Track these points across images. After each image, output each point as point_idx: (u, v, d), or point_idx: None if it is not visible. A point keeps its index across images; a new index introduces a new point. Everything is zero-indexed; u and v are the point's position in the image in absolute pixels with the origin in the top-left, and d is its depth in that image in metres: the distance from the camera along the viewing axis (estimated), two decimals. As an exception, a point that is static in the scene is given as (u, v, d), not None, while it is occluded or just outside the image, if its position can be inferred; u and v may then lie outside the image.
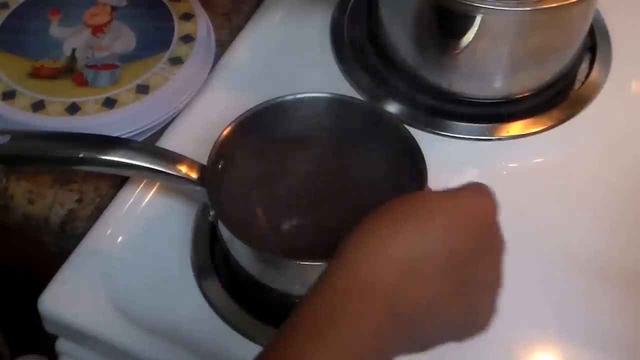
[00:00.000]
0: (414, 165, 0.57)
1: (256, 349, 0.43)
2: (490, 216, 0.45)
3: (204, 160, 0.58)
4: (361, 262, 0.42)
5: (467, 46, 0.66)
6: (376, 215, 0.44)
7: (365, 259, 0.42)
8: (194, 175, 0.59)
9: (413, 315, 0.42)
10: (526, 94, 0.72)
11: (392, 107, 0.71)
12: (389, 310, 0.41)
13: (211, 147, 0.58)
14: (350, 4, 0.79)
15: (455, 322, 0.45)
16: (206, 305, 0.60)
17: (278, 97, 0.61)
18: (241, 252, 0.58)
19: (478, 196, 0.46)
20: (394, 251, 0.42)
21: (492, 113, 0.71)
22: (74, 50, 0.70)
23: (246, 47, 0.75)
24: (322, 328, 0.39)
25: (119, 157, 0.58)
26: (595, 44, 0.76)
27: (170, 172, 0.59)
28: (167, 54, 0.70)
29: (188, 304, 0.60)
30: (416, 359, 0.57)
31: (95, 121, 0.66)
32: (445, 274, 0.42)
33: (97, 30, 0.72)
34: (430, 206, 0.44)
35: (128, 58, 0.70)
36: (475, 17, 0.64)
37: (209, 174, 0.58)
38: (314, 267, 0.52)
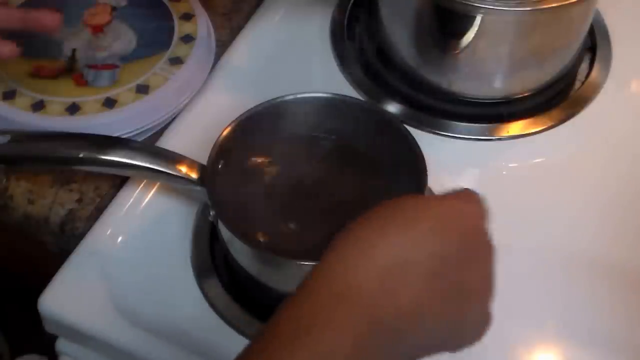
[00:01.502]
0: (414, 166, 0.57)
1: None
2: (478, 224, 0.45)
3: (204, 160, 0.58)
4: (343, 268, 0.41)
5: (467, 46, 0.66)
6: (361, 221, 0.43)
7: (348, 265, 0.41)
8: (194, 175, 0.59)
9: (394, 322, 0.41)
10: (526, 94, 0.72)
11: (392, 107, 0.71)
12: (370, 317, 0.40)
13: (211, 147, 0.58)
14: (350, 4, 0.79)
15: (443, 331, 0.43)
16: (206, 305, 0.60)
17: (278, 97, 0.61)
18: (241, 252, 0.58)
19: (466, 203, 0.45)
20: (377, 257, 0.41)
21: (492, 113, 0.71)
22: (74, 50, 0.70)
23: (246, 47, 0.75)
24: (300, 334, 0.39)
25: (119, 157, 0.58)
26: (595, 44, 0.76)
27: (170, 172, 0.59)
28: (167, 54, 0.70)
29: (188, 304, 0.60)
30: None
31: (95, 121, 0.65)
32: (429, 280, 0.41)
33: (97, 30, 0.72)
34: (416, 211, 0.43)
35: (128, 58, 0.70)
36: (475, 17, 0.64)
37: (209, 174, 0.58)
38: (314, 267, 0.52)
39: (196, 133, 0.67)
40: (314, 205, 0.60)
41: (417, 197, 0.45)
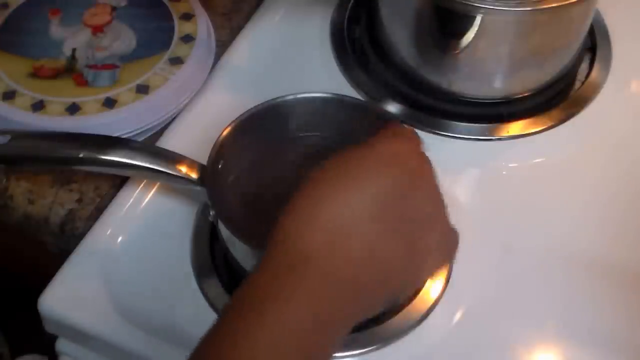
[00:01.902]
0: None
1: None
2: (406, 152, 0.47)
3: (204, 160, 0.58)
4: (293, 237, 0.43)
5: (467, 46, 0.66)
6: (302, 189, 0.45)
7: (297, 234, 0.43)
8: (194, 175, 0.59)
9: (351, 276, 0.42)
10: (526, 94, 0.72)
11: (392, 107, 0.71)
12: (325, 279, 0.42)
13: (211, 147, 0.58)
14: (350, 4, 0.79)
15: (404, 264, 0.45)
16: (206, 305, 0.60)
17: (278, 97, 0.61)
18: (241, 252, 0.58)
19: (393, 138, 0.48)
20: (323, 220, 0.43)
21: (492, 113, 0.71)
22: (74, 50, 0.70)
23: (246, 47, 0.75)
24: (260, 306, 0.40)
25: (119, 157, 0.58)
26: (595, 44, 0.76)
27: (170, 172, 0.59)
28: (167, 54, 0.70)
29: (188, 304, 0.60)
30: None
31: (95, 121, 0.66)
32: (374, 224, 0.43)
33: (97, 30, 0.72)
34: (351, 166, 0.45)
35: (128, 58, 0.70)
36: (475, 17, 0.64)
37: (209, 174, 0.58)
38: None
39: (196, 133, 0.67)
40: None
41: (348, 153, 0.46)
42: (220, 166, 0.59)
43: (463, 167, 0.69)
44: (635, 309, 0.60)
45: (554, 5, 0.62)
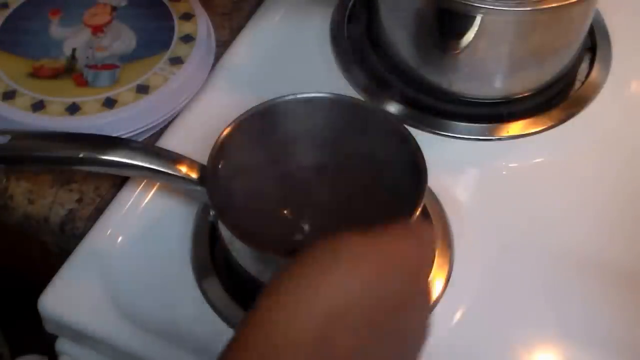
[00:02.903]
0: (414, 166, 0.57)
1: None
2: (419, 268, 0.43)
3: (204, 160, 0.58)
4: (279, 318, 0.39)
5: (467, 46, 0.66)
6: (295, 264, 0.40)
7: (283, 315, 0.39)
8: (194, 175, 0.59)
9: None
10: (526, 94, 0.72)
11: (392, 107, 0.71)
12: None
13: (211, 147, 0.58)
14: (350, 4, 0.79)
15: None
16: (206, 305, 0.60)
17: (278, 97, 0.61)
18: (241, 252, 0.58)
19: (410, 243, 0.43)
20: (313, 304, 0.39)
21: (492, 113, 0.71)
22: (74, 50, 0.70)
23: (246, 47, 0.75)
24: None
25: (119, 157, 0.58)
26: (595, 44, 0.76)
27: (170, 172, 0.59)
28: (167, 54, 0.70)
29: (188, 304, 0.60)
30: None
31: (95, 121, 0.66)
32: (367, 326, 0.40)
33: (97, 30, 0.72)
34: (354, 253, 0.41)
35: (128, 58, 0.70)
36: (475, 17, 0.64)
37: (209, 174, 0.58)
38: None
39: (196, 133, 0.67)
40: (314, 205, 0.60)
41: (356, 236, 0.42)
42: (220, 166, 0.59)
43: (463, 167, 0.69)
44: (636, 308, 0.60)
45: (554, 5, 0.62)
